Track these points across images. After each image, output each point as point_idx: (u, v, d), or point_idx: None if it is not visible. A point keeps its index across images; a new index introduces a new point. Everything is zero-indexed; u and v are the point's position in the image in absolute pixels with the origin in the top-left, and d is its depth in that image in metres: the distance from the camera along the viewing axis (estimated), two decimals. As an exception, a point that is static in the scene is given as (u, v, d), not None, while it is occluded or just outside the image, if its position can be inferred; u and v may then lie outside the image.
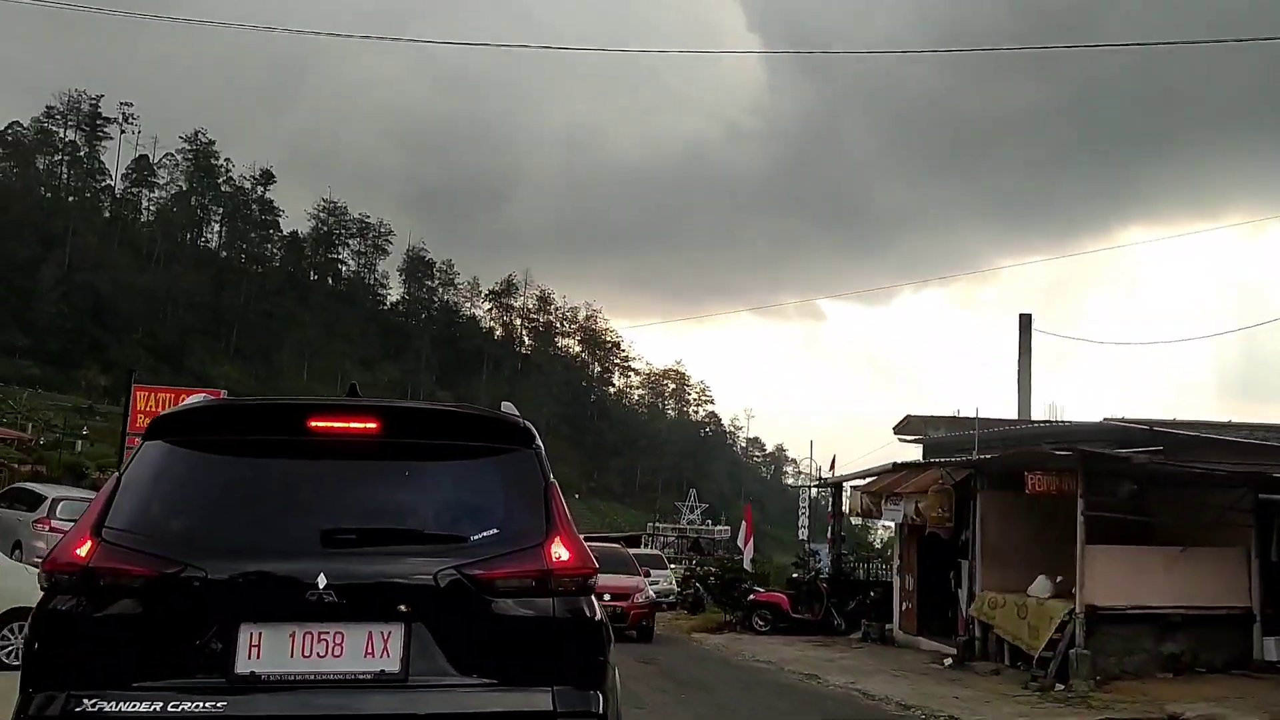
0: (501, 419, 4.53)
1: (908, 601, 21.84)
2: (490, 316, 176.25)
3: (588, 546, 4.32)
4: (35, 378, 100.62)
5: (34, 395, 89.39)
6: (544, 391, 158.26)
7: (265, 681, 3.78)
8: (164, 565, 3.83)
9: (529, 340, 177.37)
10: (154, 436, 4.26)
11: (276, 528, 4.04)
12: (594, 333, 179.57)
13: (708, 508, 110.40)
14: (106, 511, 4.02)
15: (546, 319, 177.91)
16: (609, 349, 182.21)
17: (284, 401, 4.83)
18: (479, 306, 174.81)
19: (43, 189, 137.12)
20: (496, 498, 4.28)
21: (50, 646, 3.86)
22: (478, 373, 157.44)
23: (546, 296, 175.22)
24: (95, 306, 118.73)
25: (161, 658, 3.78)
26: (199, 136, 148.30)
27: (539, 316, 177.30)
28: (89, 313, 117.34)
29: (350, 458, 4.25)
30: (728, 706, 13.90)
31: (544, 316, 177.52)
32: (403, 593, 3.92)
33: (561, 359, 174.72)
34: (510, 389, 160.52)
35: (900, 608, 22.25)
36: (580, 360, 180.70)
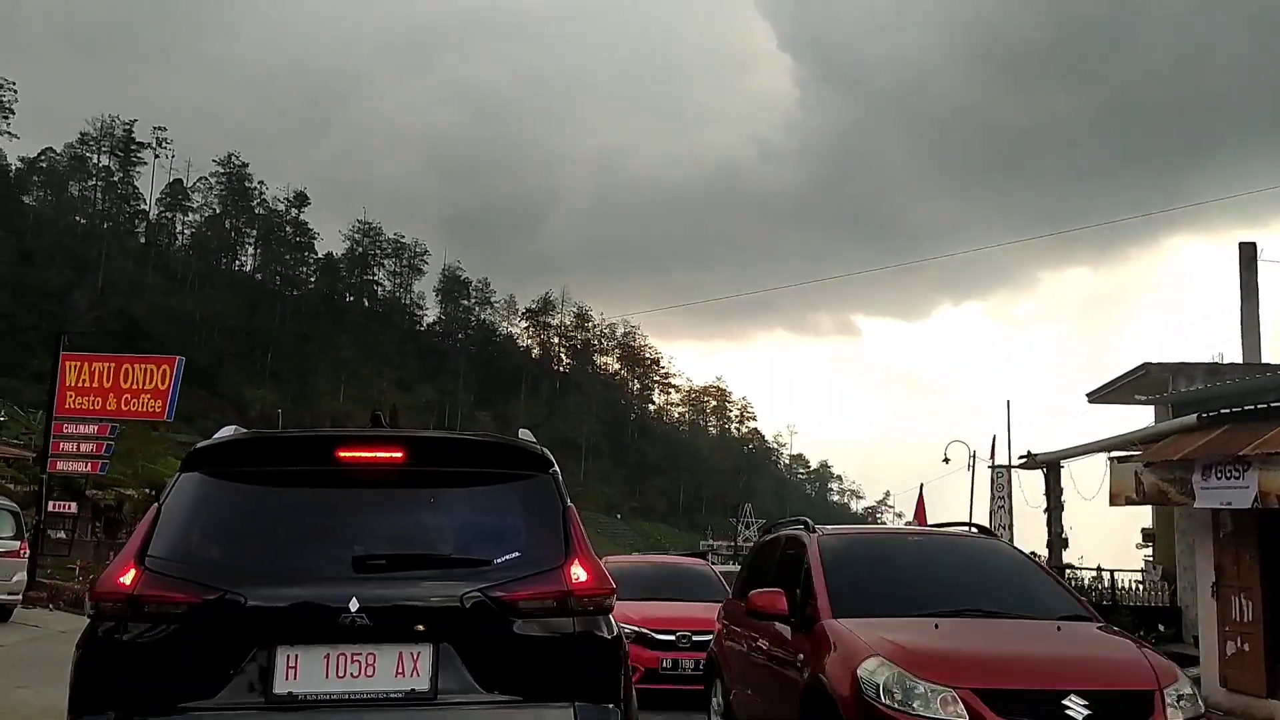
0: (519, 446, 4.71)
1: (1242, 640, 12.66)
2: (527, 335, 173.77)
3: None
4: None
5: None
6: (583, 410, 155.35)
7: (302, 701, 3.98)
8: (205, 592, 4.02)
9: (567, 359, 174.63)
10: (190, 469, 4.47)
11: (310, 554, 4.24)
12: (632, 349, 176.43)
13: (765, 523, 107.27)
14: (148, 541, 4.22)
15: (584, 336, 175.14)
16: (648, 366, 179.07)
17: (312, 433, 5.08)
18: (515, 325, 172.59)
19: (77, 216, 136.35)
20: (517, 522, 4.48)
21: (97, 671, 4.05)
22: (516, 392, 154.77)
23: (584, 313, 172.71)
24: (129, 331, 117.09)
25: (203, 680, 3.97)
26: (232, 159, 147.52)
27: (576, 334, 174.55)
28: (122, 337, 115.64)
29: (377, 486, 4.46)
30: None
31: (581, 334, 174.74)
32: (430, 615, 4.12)
33: (600, 377, 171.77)
34: (549, 408, 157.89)
35: (1220, 649, 13.02)
36: (619, 378, 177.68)
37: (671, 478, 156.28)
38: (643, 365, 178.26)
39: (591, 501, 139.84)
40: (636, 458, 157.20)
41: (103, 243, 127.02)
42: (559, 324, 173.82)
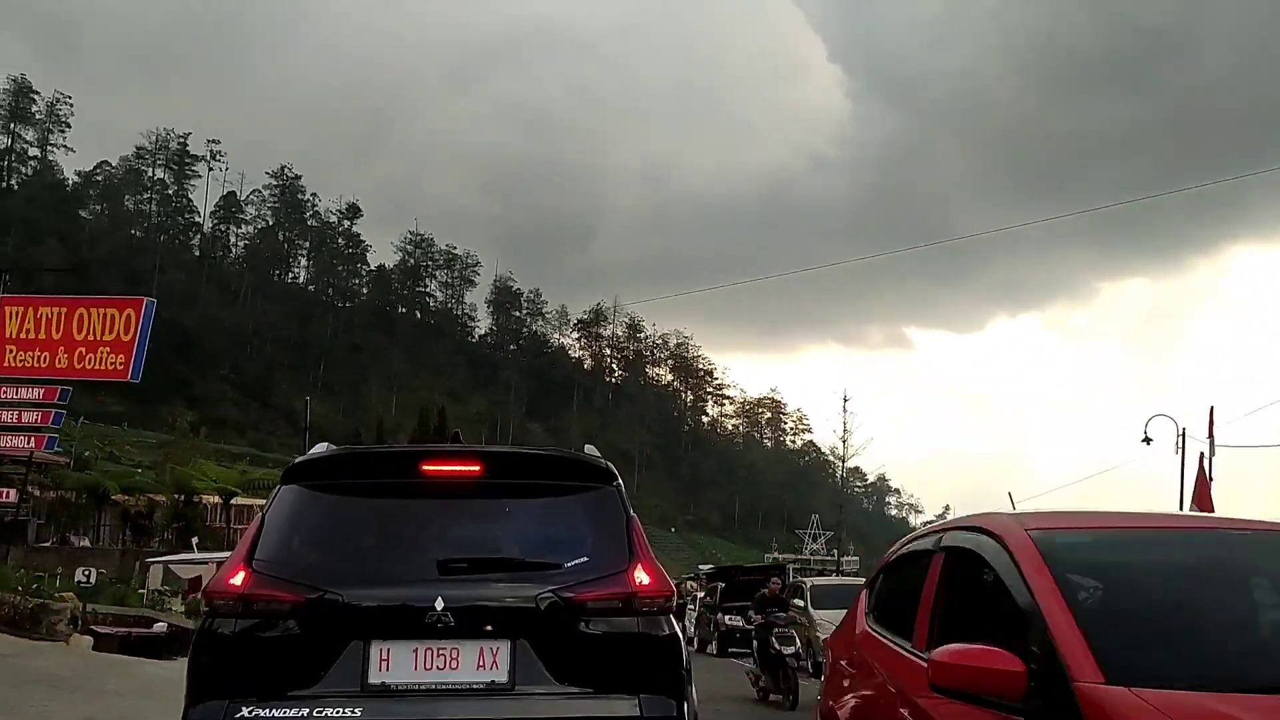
0: (586, 460, 5.03)
1: None
2: (579, 345, 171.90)
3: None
4: (120, 414, 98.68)
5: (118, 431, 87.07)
6: (636, 421, 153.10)
7: (394, 691, 4.34)
8: (307, 592, 4.39)
9: (619, 370, 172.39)
10: (289, 481, 4.88)
11: (399, 558, 4.65)
12: (685, 360, 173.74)
13: (832, 535, 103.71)
14: (255, 546, 4.61)
15: (636, 348, 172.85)
16: (701, 377, 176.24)
17: (399, 449, 5.80)
18: (567, 336, 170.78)
19: (132, 229, 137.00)
20: (584, 530, 4.84)
21: (211, 662, 4.45)
22: (567, 404, 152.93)
23: (636, 324, 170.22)
24: (182, 343, 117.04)
25: (306, 671, 4.33)
26: (285, 172, 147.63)
27: (628, 345, 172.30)
28: (175, 349, 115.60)
29: (457, 496, 4.88)
30: None
31: (633, 345, 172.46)
32: (508, 614, 4.46)
33: (653, 388, 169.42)
34: (601, 420, 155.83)
35: None
36: (672, 389, 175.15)
37: (726, 490, 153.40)
38: (696, 376, 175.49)
39: (645, 515, 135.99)
40: (690, 470, 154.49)
41: (156, 255, 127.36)
42: (611, 335, 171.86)
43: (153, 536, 32.79)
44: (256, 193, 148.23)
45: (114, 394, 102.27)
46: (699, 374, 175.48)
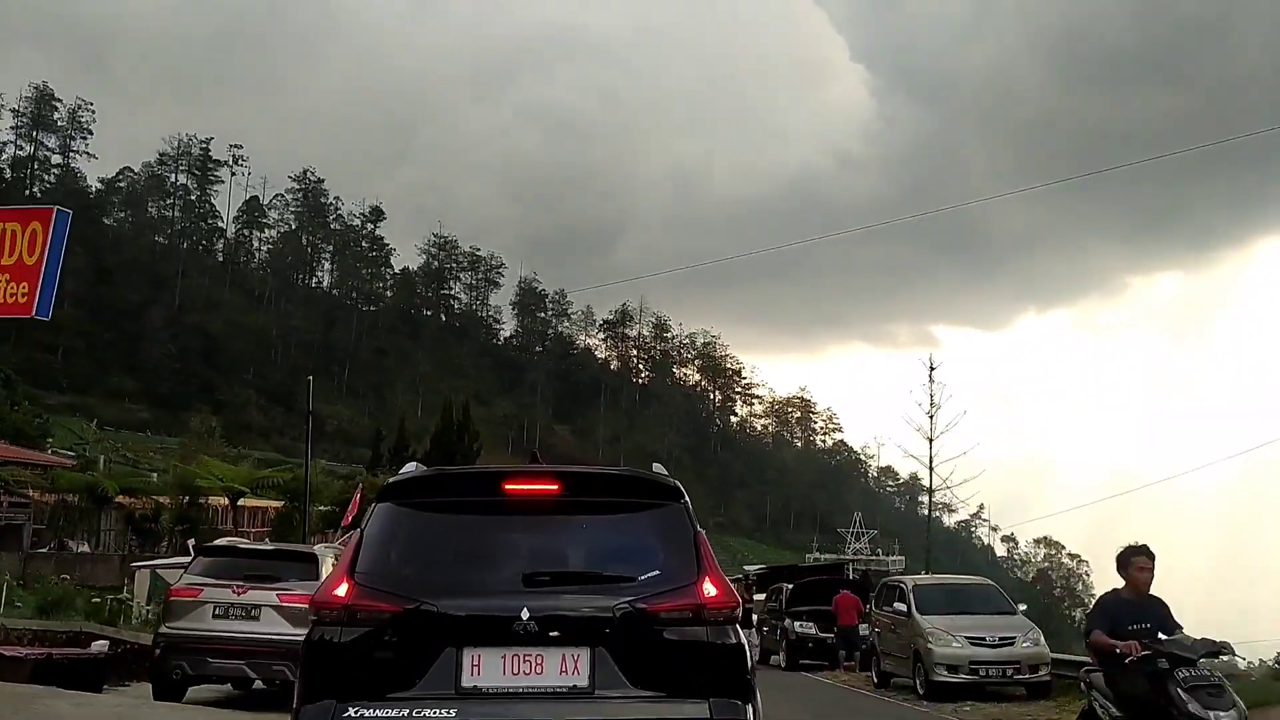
0: (656, 479, 5.39)
1: None
2: (605, 346, 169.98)
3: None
4: (145, 421, 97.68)
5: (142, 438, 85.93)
6: (664, 422, 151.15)
7: (485, 693, 4.71)
8: (405, 602, 4.77)
9: (646, 370, 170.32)
10: (384, 500, 5.27)
11: (487, 571, 5.00)
12: (713, 360, 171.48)
13: (876, 534, 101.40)
14: (356, 559, 5.01)
15: (663, 348, 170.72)
16: (729, 376, 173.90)
17: (483, 469, 6.28)
18: (593, 337, 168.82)
19: (155, 235, 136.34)
20: (655, 544, 5.14)
21: (318, 667, 4.87)
22: (594, 405, 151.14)
23: (662, 323, 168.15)
24: (206, 348, 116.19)
25: (404, 675, 4.73)
26: (308, 175, 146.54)
27: (655, 345, 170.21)
28: (199, 354, 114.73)
29: (538, 513, 5.20)
30: None
31: (660, 345, 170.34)
32: (587, 623, 4.79)
33: (680, 388, 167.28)
34: (629, 421, 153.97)
35: None
36: (700, 388, 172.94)
37: (757, 491, 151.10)
38: (724, 376, 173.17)
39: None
40: (720, 471, 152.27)
41: (181, 261, 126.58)
42: (637, 335, 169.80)
43: (159, 541, 31.10)
44: (279, 197, 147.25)
45: (139, 401, 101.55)
46: (727, 373, 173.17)
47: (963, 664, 15.54)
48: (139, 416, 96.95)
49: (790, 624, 24.22)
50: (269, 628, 11.46)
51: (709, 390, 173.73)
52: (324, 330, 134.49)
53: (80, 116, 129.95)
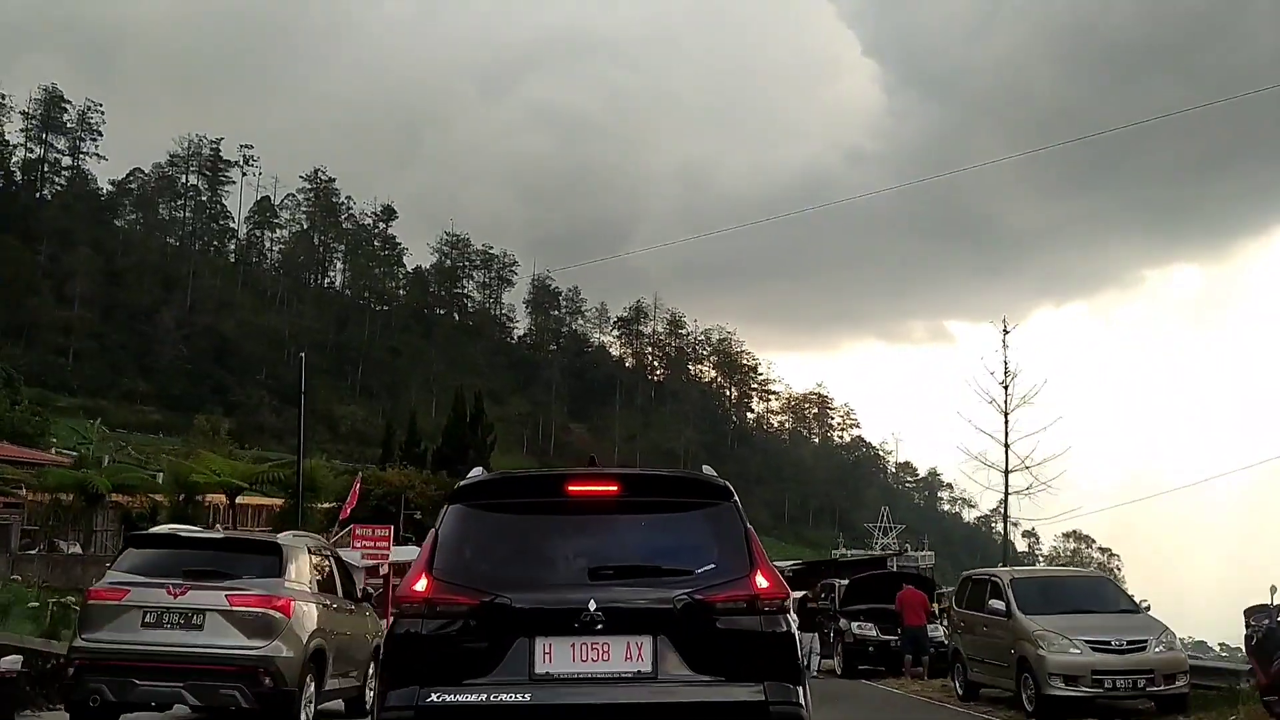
0: (708, 480, 5.68)
1: None
2: (620, 344, 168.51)
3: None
4: (158, 423, 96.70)
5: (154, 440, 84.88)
6: (680, 419, 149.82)
7: (556, 679, 5.03)
8: (479, 595, 5.12)
9: (660, 368, 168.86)
10: (454, 502, 5.64)
11: (554, 567, 5.34)
12: (729, 356, 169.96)
13: (905, 528, 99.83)
14: (433, 556, 5.34)
15: (678, 344, 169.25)
16: (745, 373, 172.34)
17: (546, 472, 6.15)
18: (608, 334, 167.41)
19: (167, 236, 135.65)
20: (709, 540, 5.44)
21: (401, 655, 5.23)
22: (610, 402, 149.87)
23: (677, 320, 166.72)
24: (218, 349, 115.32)
25: (481, 662, 5.06)
26: (319, 174, 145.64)
27: (670, 342, 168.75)
28: (212, 356, 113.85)
29: (600, 513, 5.51)
30: None
31: (675, 342, 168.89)
32: (649, 614, 5.12)
33: (696, 384, 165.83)
34: (644, 418, 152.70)
35: None
36: (716, 385, 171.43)
37: (775, 488, 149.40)
38: (740, 372, 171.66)
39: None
40: (737, 468, 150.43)
41: (193, 262, 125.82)
42: (652, 332, 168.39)
43: None
44: (291, 197, 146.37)
45: (151, 403, 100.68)
46: (743, 370, 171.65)
47: (1084, 674, 12.95)
48: (151, 419, 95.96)
49: (847, 625, 21.32)
50: (216, 639, 9.17)
51: (725, 387, 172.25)
52: (337, 330, 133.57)
53: (90, 118, 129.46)
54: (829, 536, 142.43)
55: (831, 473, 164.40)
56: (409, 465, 49.70)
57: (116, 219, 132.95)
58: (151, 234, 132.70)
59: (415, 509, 39.18)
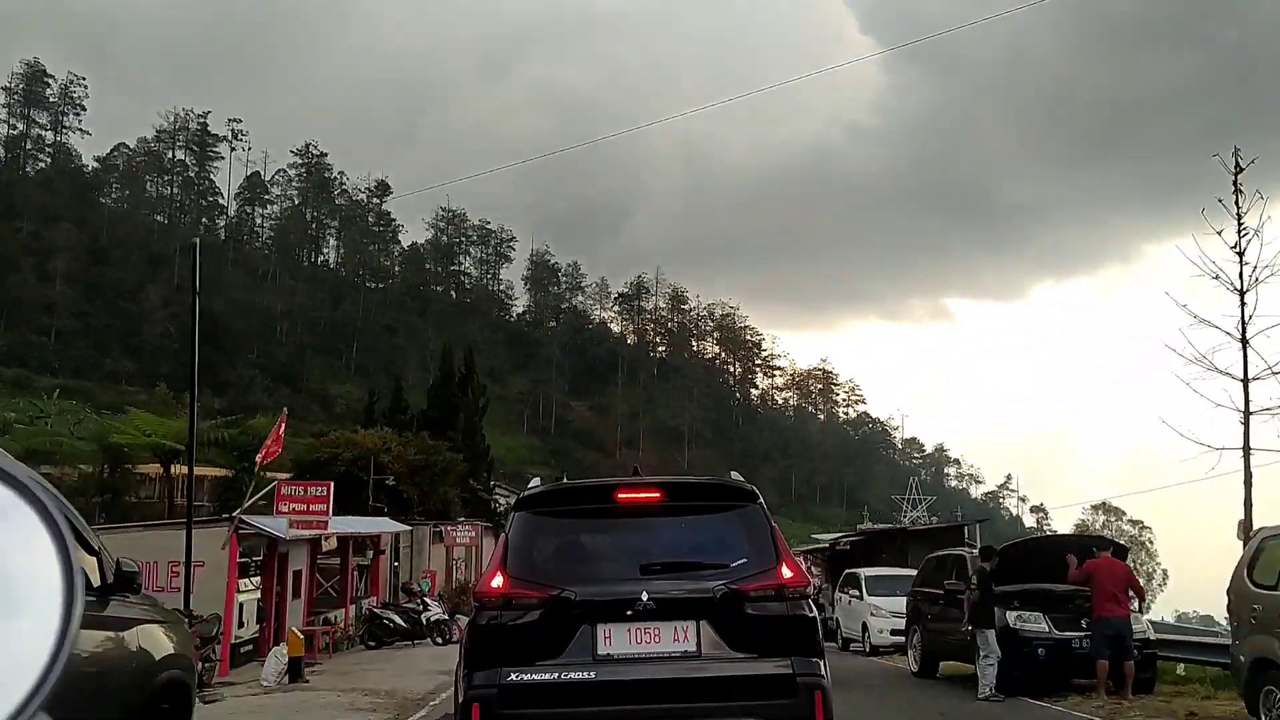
0: (737, 486, 6.59)
1: None
2: (621, 319, 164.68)
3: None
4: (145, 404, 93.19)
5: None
6: (684, 396, 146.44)
7: (615, 659, 5.81)
8: (548, 590, 5.91)
9: (663, 346, 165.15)
10: (519, 509, 6.49)
11: (611, 563, 6.31)
12: (732, 332, 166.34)
13: (934, 499, 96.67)
14: (506, 557, 6.15)
15: (680, 320, 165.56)
16: (749, 349, 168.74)
17: (599, 482, 7.34)
18: (609, 310, 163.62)
19: (154, 214, 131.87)
20: (741, 538, 6.28)
21: (482, 641, 6.04)
22: (612, 380, 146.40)
23: (679, 295, 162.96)
24: (208, 328, 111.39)
25: (550, 646, 5.82)
26: (310, 149, 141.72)
27: (672, 318, 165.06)
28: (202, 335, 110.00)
29: (646, 515, 6.42)
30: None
31: (677, 318, 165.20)
32: (693, 602, 5.92)
33: (700, 361, 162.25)
34: (647, 396, 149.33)
35: None
36: (719, 361, 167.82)
37: (782, 465, 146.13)
38: (744, 348, 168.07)
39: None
40: (744, 445, 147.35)
41: (177, 237, 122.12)
42: (654, 308, 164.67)
43: (93, 520, 26.51)
44: (282, 173, 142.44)
45: (137, 384, 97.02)
46: (747, 345, 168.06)
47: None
48: (137, 399, 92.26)
49: (1001, 616, 14.24)
50: None
51: (729, 363, 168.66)
52: (330, 308, 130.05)
53: (73, 92, 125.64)
54: (837, 514, 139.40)
55: (838, 449, 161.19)
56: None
57: (102, 196, 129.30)
58: (137, 211, 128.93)
59: (390, 475, 33.94)
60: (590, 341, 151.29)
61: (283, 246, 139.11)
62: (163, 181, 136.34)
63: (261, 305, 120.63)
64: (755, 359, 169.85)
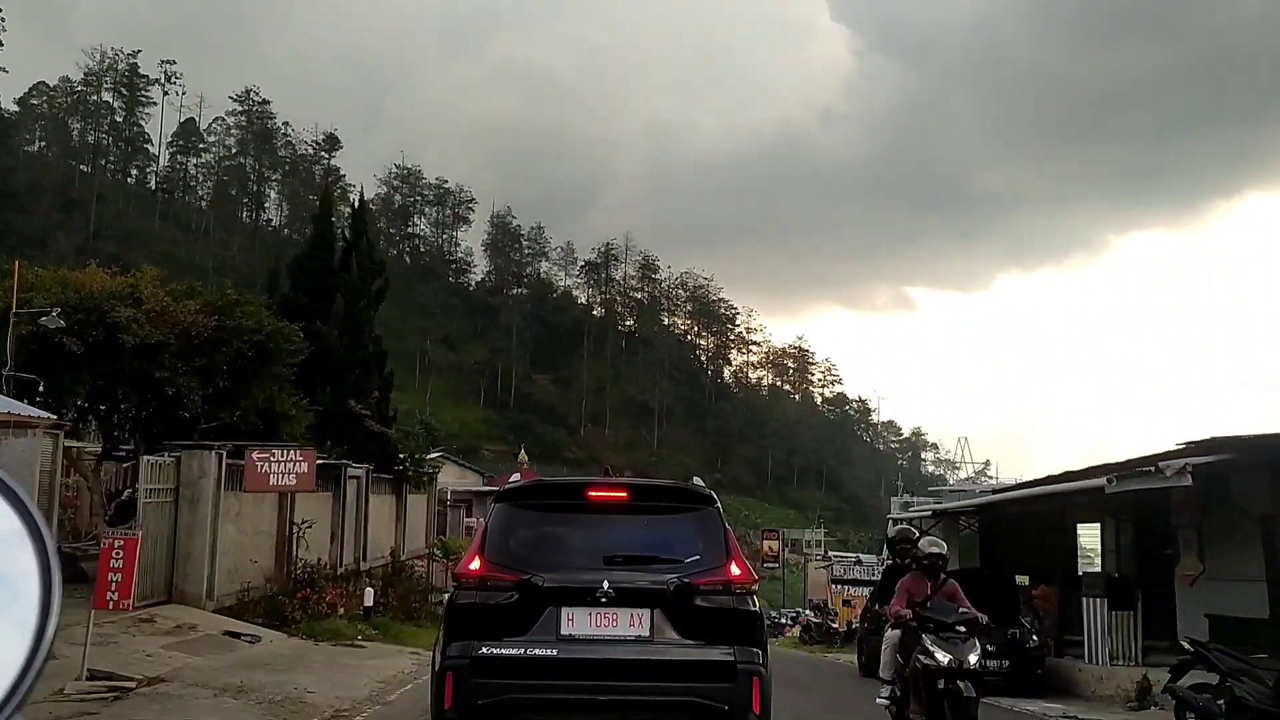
0: (697, 490, 7.26)
1: None
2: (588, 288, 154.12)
3: None
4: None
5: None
6: (654, 370, 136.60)
7: (576, 639, 6.40)
8: (519, 575, 6.53)
9: (632, 319, 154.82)
10: (500, 502, 7.20)
11: (578, 554, 6.78)
12: (707, 305, 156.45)
13: (987, 463, 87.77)
14: (484, 543, 6.80)
15: (651, 292, 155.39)
16: (723, 323, 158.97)
17: (571, 481, 8.81)
18: (574, 276, 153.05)
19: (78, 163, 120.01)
20: (697, 537, 6.94)
21: (459, 619, 6.66)
22: (576, 352, 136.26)
23: (650, 264, 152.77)
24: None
25: (520, 625, 6.44)
26: (251, 95, 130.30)
27: (642, 288, 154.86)
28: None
29: (612, 513, 7.10)
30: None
31: (648, 288, 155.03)
32: (649, 593, 6.51)
33: (672, 334, 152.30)
34: (615, 370, 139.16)
35: None
36: (693, 332, 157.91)
37: (758, 446, 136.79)
38: (718, 322, 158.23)
39: (669, 474, 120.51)
40: (718, 424, 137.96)
41: (95, 183, 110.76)
42: (623, 277, 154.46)
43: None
44: (220, 120, 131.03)
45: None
46: (721, 319, 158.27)
47: None
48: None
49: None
50: None
51: (703, 336, 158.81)
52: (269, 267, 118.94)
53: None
54: (815, 497, 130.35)
55: (816, 430, 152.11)
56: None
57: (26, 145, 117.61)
58: (61, 159, 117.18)
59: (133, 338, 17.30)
60: (554, 310, 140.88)
61: (219, 200, 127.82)
62: (88, 126, 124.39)
63: (192, 260, 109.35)
64: (730, 334, 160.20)
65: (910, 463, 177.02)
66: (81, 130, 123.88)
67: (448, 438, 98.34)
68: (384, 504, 28.49)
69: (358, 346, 30.57)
